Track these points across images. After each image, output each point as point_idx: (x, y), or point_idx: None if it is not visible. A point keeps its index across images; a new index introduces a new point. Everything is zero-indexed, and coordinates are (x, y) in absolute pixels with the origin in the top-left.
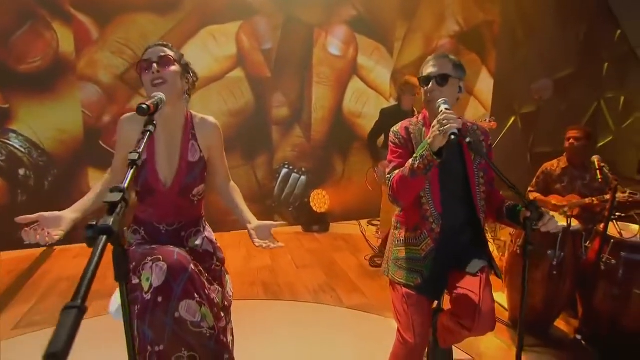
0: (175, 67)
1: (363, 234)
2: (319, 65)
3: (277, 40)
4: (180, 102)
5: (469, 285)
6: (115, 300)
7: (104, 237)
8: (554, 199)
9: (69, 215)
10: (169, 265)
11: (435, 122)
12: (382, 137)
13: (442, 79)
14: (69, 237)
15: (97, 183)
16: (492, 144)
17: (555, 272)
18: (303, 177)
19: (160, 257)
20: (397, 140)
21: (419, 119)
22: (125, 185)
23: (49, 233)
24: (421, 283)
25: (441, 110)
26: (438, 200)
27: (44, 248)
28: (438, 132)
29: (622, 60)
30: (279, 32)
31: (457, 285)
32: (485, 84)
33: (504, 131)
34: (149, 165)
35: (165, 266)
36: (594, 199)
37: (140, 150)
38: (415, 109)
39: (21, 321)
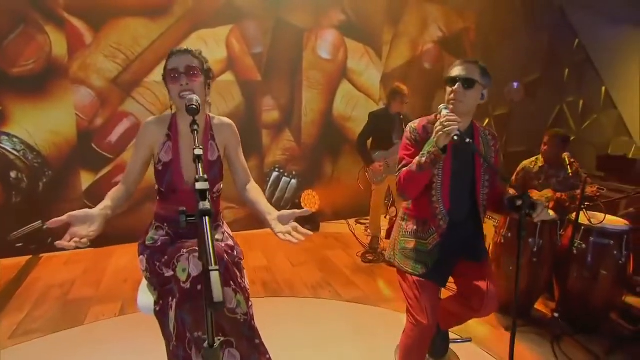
0: (201, 79)
1: (352, 232)
2: (309, 69)
3: (267, 44)
4: (203, 107)
5: (475, 272)
6: (144, 294)
7: (207, 218)
8: (532, 194)
9: (101, 212)
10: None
11: (438, 123)
12: (371, 139)
13: (468, 83)
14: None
15: (89, 182)
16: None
17: (535, 259)
18: (294, 181)
19: (197, 248)
20: (412, 136)
21: (437, 118)
22: (204, 175)
23: (80, 237)
24: (427, 272)
25: (443, 114)
26: (447, 199)
27: (30, 256)
28: (441, 133)
29: (580, 66)
30: (269, 36)
31: (464, 271)
32: None
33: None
34: (174, 165)
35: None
36: (563, 194)
37: (200, 145)
38: (401, 114)
39: (17, 330)
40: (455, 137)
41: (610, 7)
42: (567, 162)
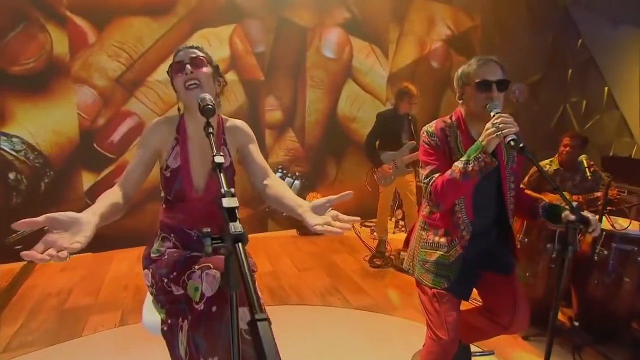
0: (208, 69)
1: (358, 235)
2: (312, 68)
3: (271, 43)
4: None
5: (503, 286)
6: (150, 312)
7: (241, 245)
8: (546, 197)
9: (91, 218)
10: (223, 274)
11: (489, 125)
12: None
13: (503, 85)
14: None
15: (91, 183)
16: None
17: (553, 266)
18: (297, 182)
19: (211, 264)
20: (432, 141)
21: (452, 119)
22: (230, 189)
23: (59, 249)
24: (449, 287)
25: (494, 115)
26: (470, 208)
27: (25, 262)
28: (495, 136)
29: (583, 67)
30: (273, 35)
31: (491, 285)
32: None
33: None
34: (183, 172)
35: (218, 274)
36: (580, 197)
37: (221, 153)
38: (410, 115)
39: (11, 343)
40: (513, 142)
41: (614, 8)
42: (586, 165)
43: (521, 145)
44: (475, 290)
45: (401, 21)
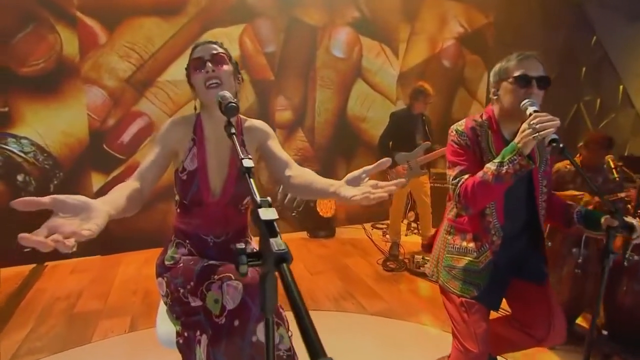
0: (228, 67)
1: (370, 237)
2: (322, 68)
3: (281, 43)
4: None
5: (536, 295)
6: (164, 323)
7: (285, 265)
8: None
9: (103, 206)
10: (245, 284)
11: (525, 125)
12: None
13: (544, 82)
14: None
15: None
16: None
17: (579, 271)
18: None
19: (232, 275)
20: (461, 141)
21: (483, 118)
22: (267, 198)
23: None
24: (478, 295)
25: (530, 113)
26: (501, 211)
27: (34, 265)
28: (531, 137)
29: (597, 65)
30: (282, 34)
31: (522, 294)
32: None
33: None
34: (200, 175)
35: (240, 285)
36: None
37: (250, 156)
38: (424, 114)
39: (20, 349)
40: (554, 144)
41: (630, 3)
42: (612, 166)
43: (561, 146)
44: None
45: (412, 19)
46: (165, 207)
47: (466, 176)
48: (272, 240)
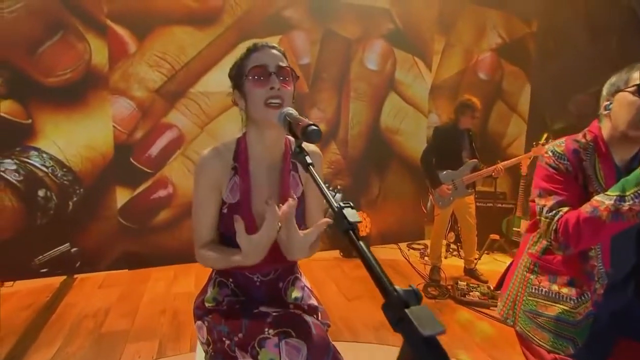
0: (292, 87)
1: (407, 259)
2: (356, 80)
3: (315, 55)
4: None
5: None
6: None
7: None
8: None
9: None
10: (310, 346)
11: None
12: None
13: None
14: (91, 264)
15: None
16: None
17: None
18: (338, 195)
19: (292, 331)
20: (561, 165)
21: (588, 139)
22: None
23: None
24: (575, 353)
25: None
26: (608, 253)
27: (64, 277)
28: None
29: None
30: (317, 47)
31: (631, 356)
32: (528, 99)
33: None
34: (244, 208)
35: (304, 348)
36: None
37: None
38: (470, 130)
39: None
40: None
41: None
42: None
43: None
44: None
45: (448, 31)
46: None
47: (566, 209)
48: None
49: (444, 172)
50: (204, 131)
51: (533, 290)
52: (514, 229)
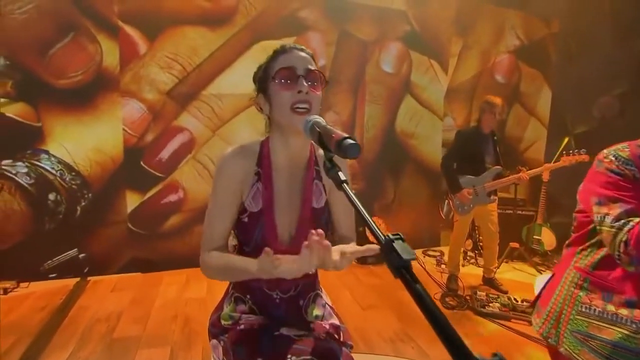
0: (320, 93)
1: (423, 267)
2: (371, 82)
3: (331, 57)
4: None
5: None
6: None
7: None
8: None
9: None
10: None
11: None
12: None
13: None
14: (100, 270)
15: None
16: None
17: None
18: None
19: (309, 348)
20: (627, 171)
21: None
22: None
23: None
24: None
25: None
26: None
27: (78, 278)
28: None
29: None
30: (332, 48)
31: None
32: (547, 102)
33: (557, 155)
34: (266, 218)
35: None
36: None
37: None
38: (495, 133)
39: None
40: None
41: None
42: None
43: None
44: None
45: (465, 32)
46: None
47: (637, 219)
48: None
49: (465, 178)
50: (216, 135)
51: (583, 309)
52: (535, 236)
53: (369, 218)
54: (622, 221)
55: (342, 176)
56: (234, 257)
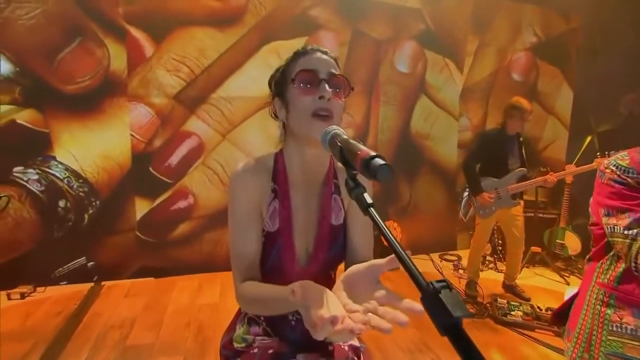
0: (343, 101)
1: (440, 271)
2: (386, 83)
3: (344, 57)
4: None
5: None
6: None
7: None
8: None
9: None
10: None
11: None
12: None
13: None
14: (109, 278)
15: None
16: None
17: None
18: None
19: None
20: (631, 179)
21: None
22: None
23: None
24: None
25: None
26: None
27: (92, 283)
28: None
29: None
30: (346, 48)
31: None
32: (566, 100)
33: (579, 155)
34: (284, 237)
35: None
36: None
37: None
38: (520, 135)
39: None
40: None
41: None
42: None
43: None
44: None
45: (481, 30)
46: (214, 237)
47: None
48: None
49: (488, 180)
50: (225, 139)
51: (614, 329)
52: (557, 241)
53: (404, 254)
54: (635, 230)
55: (367, 198)
56: (272, 287)
